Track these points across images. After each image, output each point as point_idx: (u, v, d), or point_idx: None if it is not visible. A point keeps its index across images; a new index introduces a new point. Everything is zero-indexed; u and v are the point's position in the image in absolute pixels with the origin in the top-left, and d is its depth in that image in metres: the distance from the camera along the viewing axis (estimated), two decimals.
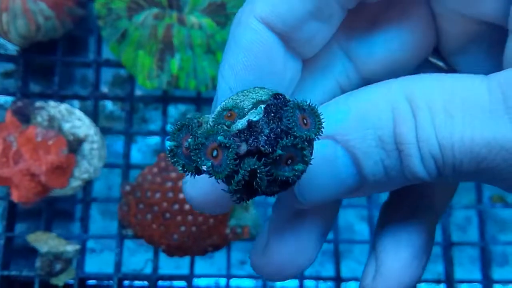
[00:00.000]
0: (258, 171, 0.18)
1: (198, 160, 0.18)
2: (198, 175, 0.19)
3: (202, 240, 0.49)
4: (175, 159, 0.19)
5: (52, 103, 0.50)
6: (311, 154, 0.19)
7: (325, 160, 0.21)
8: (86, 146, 0.50)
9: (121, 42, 0.49)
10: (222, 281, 0.56)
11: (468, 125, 0.18)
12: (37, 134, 0.47)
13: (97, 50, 0.56)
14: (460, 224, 0.61)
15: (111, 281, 0.52)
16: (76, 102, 0.58)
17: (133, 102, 0.56)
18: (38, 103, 0.50)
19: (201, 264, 0.58)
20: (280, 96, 0.19)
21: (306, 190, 0.22)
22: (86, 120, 0.51)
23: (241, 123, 0.18)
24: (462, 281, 0.55)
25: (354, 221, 0.61)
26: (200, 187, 0.24)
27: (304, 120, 0.18)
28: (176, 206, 0.49)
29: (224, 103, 0.20)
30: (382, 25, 0.25)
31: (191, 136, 0.19)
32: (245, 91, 0.20)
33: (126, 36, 0.49)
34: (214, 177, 0.18)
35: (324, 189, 0.21)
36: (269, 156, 0.18)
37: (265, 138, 0.18)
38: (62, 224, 0.57)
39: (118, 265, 0.52)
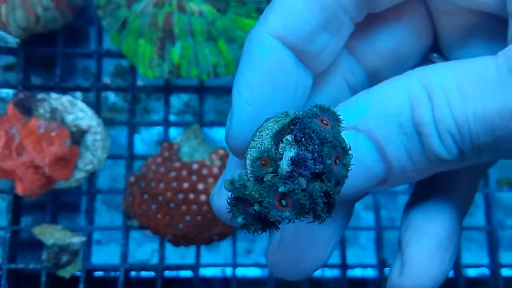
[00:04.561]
0: (329, 188, 0.19)
1: (278, 217, 0.19)
2: (278, 229, 0.20)
3: (208, 229, 0.49)
4: (252, 230, 0.20)
5: (54, 95, 0.50)
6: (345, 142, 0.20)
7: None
8: (89, 138, 0.50)
9: (122, 32, 0.49)
10: (228, 270, 0.56)
11: (480, 98, 0.19)
12: (39, 126, 0.47)
13: (98, 40, 0.55)
14: None
15: (118, 272, 0.52)
16: (78, 94, 0.58)
17: (135, 93, 0.56)
18: (40, 95, 0.49)
19: (207, 254, 0.58)
20: (296, 120, 0.20)
21: None
22: (89, 112, 0.51)
23: (285, 165, 0.19)
24: (469, 266, 0.54)
25: (360, 208, 0.61)
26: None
27: (324, 122, 0.19)
28: (181, 196, 0.49)
29: (249, 155, 0.20)
30: (380, 23, 0.26)
31: (252, 204, 0.19)
32: (256, 133, 0.21)
33: (126, 26, 0.48)
34: (298, 220, 0.19)
35: (352, 177, 0.22)
36: (323, 171, 0.19)
37: (312, 160, 0.19)
38: (68, 216, 0.57)
39: (124, 256, 0.52)
